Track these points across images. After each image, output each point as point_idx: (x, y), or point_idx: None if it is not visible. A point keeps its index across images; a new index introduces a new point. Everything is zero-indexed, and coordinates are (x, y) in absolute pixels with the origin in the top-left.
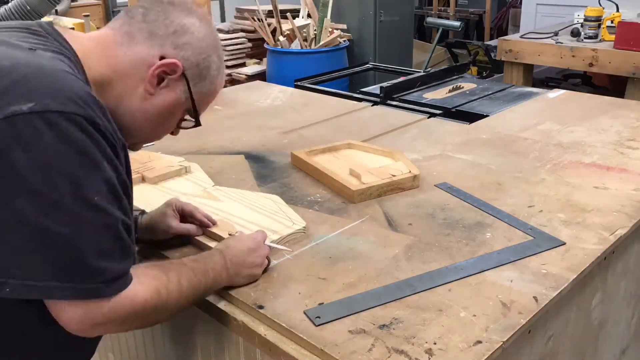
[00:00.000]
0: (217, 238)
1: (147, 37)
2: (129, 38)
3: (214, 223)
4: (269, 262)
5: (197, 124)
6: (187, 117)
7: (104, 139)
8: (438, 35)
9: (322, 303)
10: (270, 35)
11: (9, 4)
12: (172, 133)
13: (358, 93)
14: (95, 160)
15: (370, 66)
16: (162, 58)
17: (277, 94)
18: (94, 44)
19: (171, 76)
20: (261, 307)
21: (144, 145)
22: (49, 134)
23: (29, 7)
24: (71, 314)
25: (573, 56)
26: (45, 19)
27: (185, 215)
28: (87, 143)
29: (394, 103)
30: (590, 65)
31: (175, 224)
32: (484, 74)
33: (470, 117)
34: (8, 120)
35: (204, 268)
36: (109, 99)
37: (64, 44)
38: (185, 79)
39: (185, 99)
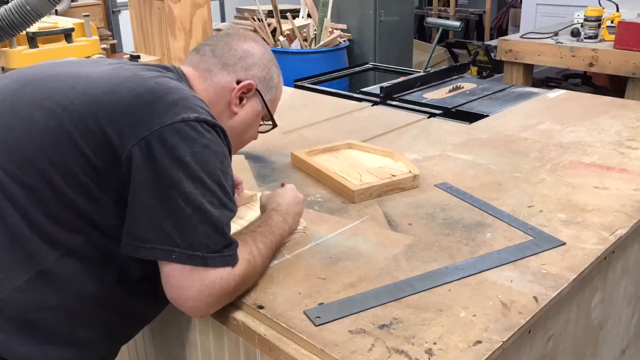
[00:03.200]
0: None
1: (222, 68)
2: (208, 72)
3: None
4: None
5: (274, 125)
6: (263, 122)
7: (229, 147)
8: (438, 35)
9: (322, 303)
10: (270, 35)
11: (9, 4)
12: (255, 137)
13: (358, 93)
14: (229, 161)
15: (370, 66)
16: (238, 82)
17: None
18: (192, 81)
19: (248, 94)
20: (261, 307)
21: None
22: (207, 135)
23: (29, 7)
24: (197, 286)
25: (573, 56)
26: (46, 19)
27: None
28: (226, 147)
29: (394, 103)
30: (590, 65)
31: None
32: (484, 74)
33: (470, 117)
34: (181, 124)
35: (269, 229)
36: None
37: (185, 80)
38: (259, 92)
39: (261, 108)
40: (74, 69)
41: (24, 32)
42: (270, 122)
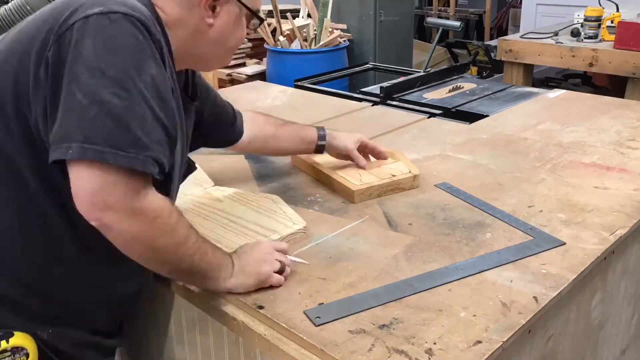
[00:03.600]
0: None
1: None
2: None
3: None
4: (283, 269)
5: (261, 20)
6: (252, 21)
7: (155, 45)
8: (438, 35)
9: (322, 303)
10: (270, 35)
11: (9, 4)
12: (248, 35)
13: (358, 93)
14: (146, 55)
15: (370, 66)
16: None
17: (277, 94)
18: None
19: (218, 1)
20: (261, 307)
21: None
22: (112, 26)
23: (29, 7)
24: (105, 185)
25: (573, 56)
26: None
27: (366, 149)
28: (141, 40)
29: (394, 103)
30: (590, 65)
31: (352, 147)
32: (484, 74)
33: (470, 117)
34: (83, 20)
35: (212, 248)
36: (181, 42)
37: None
38: None
39: (240, 9)
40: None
41: None
42: (257, 20)
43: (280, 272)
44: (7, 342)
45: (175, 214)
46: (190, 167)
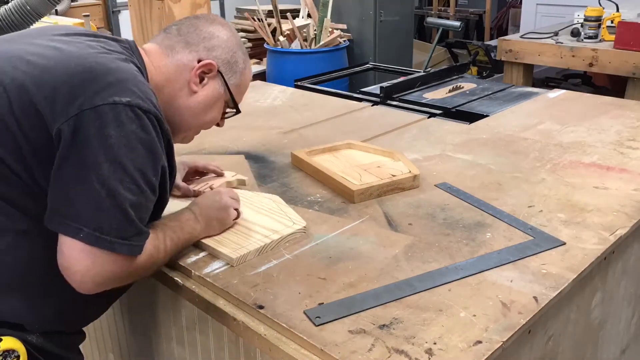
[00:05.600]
0: None
1: (184, 47)
2: (170, 50)
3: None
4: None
5: (237, 111)
6: (228, 109)
7: (165, 136)
8: (438, 35)
9: (322, 303)
10: (270, 35)
11: (9, 4)
12: (218, 125)
13: (358, 93)
14: (159, 152)
15: (370, 66)
16: (199, 61)
17: (277, 94)
18: (149, 57)
19: (209, 74)
20: (261, 307)
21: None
22: (136, 121)
23: (29, 7)
24: (99, 266)
25: (573, 56)
26: (46, 19)
27: (199, 170)
28: (157, 136)
29: (394, 103)
30: (590, 65)
31: (181, 182)
32: (484, 74)
33: (470, 117)
34: (111, 106)
35: (180, 225)
36: (162, 100)
37: (139, 58)
38: (221, 74)
39: (223, 92)
40: (22, 45)
41: None
42: (234, 109)
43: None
44: None
45: (156, 241)
46: None
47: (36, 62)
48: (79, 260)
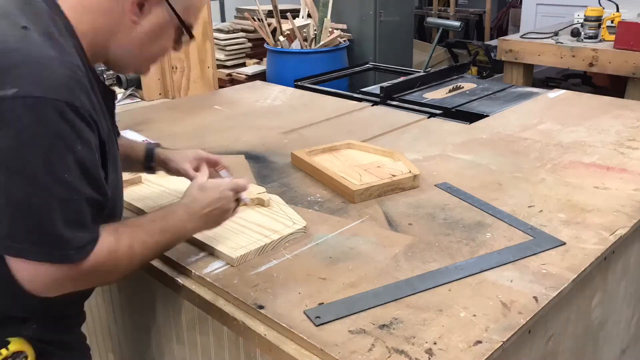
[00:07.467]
0: None
1: None
2: None
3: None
4: (238, 203)
5: (191, 36)
6: (183, 36)
7: (83, 121)
8: (438, 35)
9: (322, 303)
10: (270, 35)
11: None
12: (174, 49)
13: (358, 93)
14: (70, 143)
15: (370, 66)
16: None
17: (277, 94)
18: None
19: (149, 0)
20: (261, 307)
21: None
22: (27, 116)
23: None
24: (36, 275)
25: (573, 56)
26: None
27: (210, 165)
28: (64, 127)
29: (394, 103)
30: (590, 65)
31: (188, 167)
32: (484, 74)
33: (470, 117)
34: None
35: (162, 227)
36: (100, 41)
37: (57, 12)
38: None
39: (170, 17)
40: None
41: None
42: (187, 36)
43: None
44: (7, 349)
45: (113, 245)
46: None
47: None
48: (23, 277)
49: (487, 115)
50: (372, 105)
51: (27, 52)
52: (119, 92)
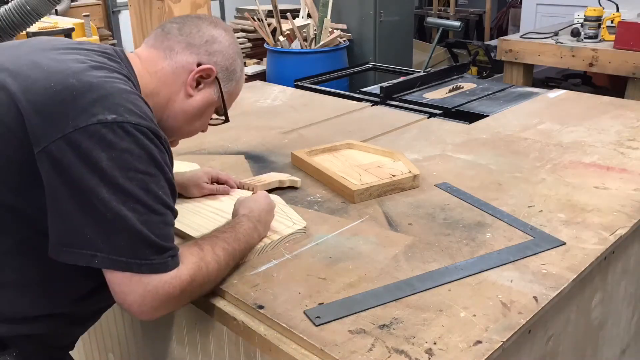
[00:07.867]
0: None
1: (185, 48)
2: (169, 51)
3: (247, 188)
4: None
5: (227, 119)
6: (215, 115)
7: (164, 147)
8: (438, 35)
9: (322, 303)
10: (270, 35)
11: (9, 4)
12: (202, 130)
13: (358, 93)
14: (160, 164)
15: (370, 66)
16: (198, 65)
17: (277, 94)
18: (145, 63)
19: (206, 80)
20: (261, 307)
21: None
22: (126, 139)
23: (29, 7)
24: (139, 291)
25: (573, 56)
26: (46, 19)
27: (220, 182)
28: (154, 150)
29: (394, 103)
30: (590, 65)
31: (206, 184)
32: (484, 74)
33: (470, 117)
34: (96, 126)
35: (234, 236)
36: (157, 105)
37: (129, 67)
38: (217, 81)
39: (217, 98)
40: (22, 52)
41: (24, 32)
42: (222, 117)
43: None
44: None
45: (203, 260)
46: None
47: (27, 76)
48: (129, 293)
49: (487, 115)
50: (372, 105)
51: (120, 88)
52: None
